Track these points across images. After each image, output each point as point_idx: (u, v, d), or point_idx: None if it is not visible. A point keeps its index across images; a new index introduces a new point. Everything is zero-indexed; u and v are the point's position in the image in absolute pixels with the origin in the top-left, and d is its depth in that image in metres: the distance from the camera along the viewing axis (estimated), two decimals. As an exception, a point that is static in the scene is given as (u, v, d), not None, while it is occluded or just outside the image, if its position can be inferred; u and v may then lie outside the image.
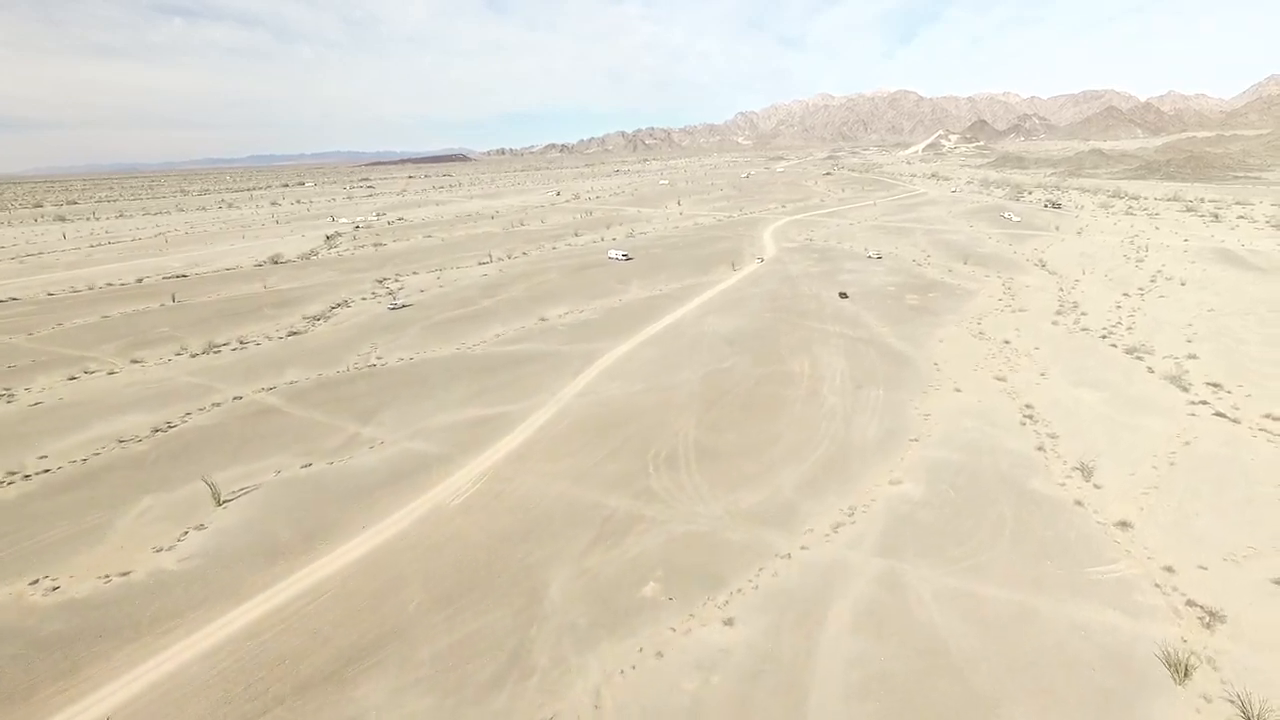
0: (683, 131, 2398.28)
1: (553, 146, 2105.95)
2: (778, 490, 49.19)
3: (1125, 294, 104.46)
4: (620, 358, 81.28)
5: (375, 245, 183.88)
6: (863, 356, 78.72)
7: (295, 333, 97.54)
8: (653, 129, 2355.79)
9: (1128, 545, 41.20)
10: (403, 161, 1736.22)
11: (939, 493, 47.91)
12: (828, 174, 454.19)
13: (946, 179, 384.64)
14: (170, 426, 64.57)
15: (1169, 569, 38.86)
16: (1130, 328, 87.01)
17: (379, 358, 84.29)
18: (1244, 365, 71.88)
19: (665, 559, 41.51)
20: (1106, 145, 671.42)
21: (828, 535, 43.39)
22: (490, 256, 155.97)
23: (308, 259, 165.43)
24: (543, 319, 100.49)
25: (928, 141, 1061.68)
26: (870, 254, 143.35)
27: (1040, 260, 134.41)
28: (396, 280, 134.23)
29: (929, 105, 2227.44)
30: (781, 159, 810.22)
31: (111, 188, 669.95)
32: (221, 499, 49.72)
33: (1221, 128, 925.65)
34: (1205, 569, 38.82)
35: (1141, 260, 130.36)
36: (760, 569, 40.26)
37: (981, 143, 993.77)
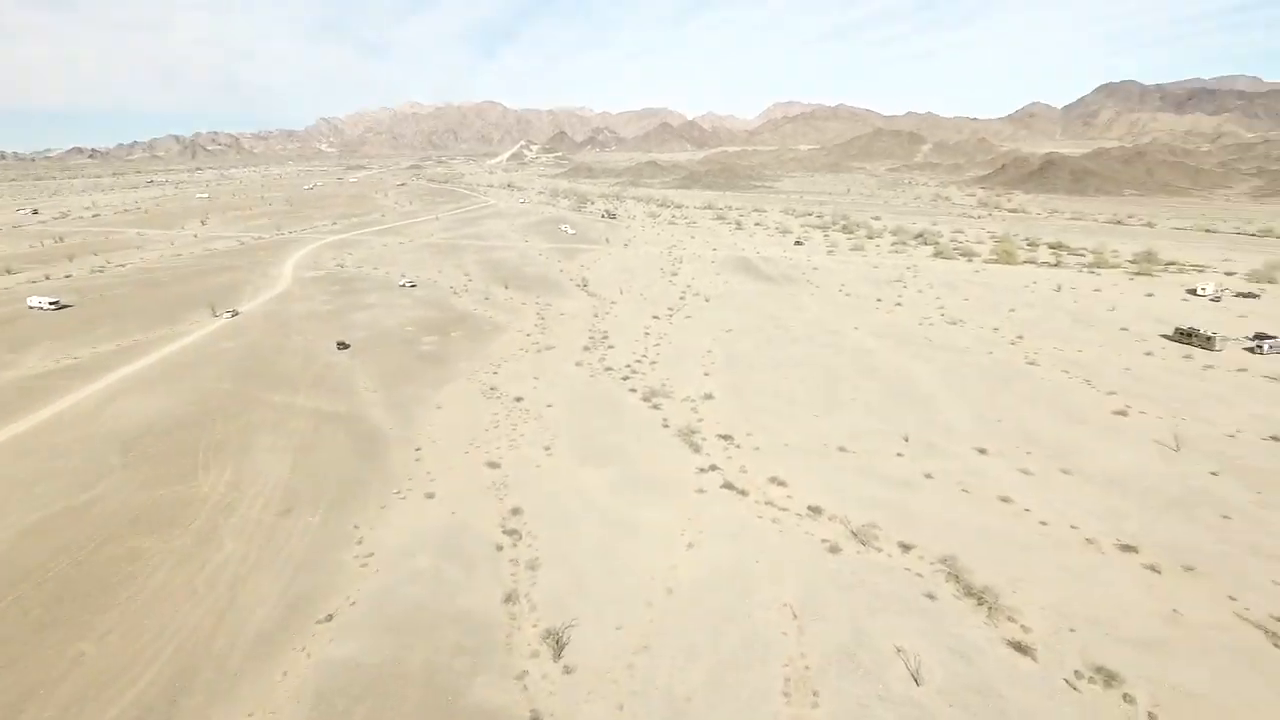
0: (255, 137, 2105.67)
1: (80, 150, 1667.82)
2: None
3: (655, 316, 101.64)
4: None
5: None
6: (323, 449, 57.48)
7: None
8: (216, 134, 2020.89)
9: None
10: None
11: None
12: (402, 185, 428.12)
13: (521, 189, 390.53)
14: None
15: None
16: (654, 361, 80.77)
17: None
18: (751, 399, 68.32)
19: None
20: (663, 157, 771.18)
21: None
22: None
23: None
24: None
25: (511, 151, 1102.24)
26: (404, 282, 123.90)
27: (583, 279, 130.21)
28: None
29: (514, 116, 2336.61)
30: (362, 168, 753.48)
31: None
32: None
33: (746, 144, 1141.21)
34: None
35: (675, 274, 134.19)
36: None
37: (561, 153, 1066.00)
